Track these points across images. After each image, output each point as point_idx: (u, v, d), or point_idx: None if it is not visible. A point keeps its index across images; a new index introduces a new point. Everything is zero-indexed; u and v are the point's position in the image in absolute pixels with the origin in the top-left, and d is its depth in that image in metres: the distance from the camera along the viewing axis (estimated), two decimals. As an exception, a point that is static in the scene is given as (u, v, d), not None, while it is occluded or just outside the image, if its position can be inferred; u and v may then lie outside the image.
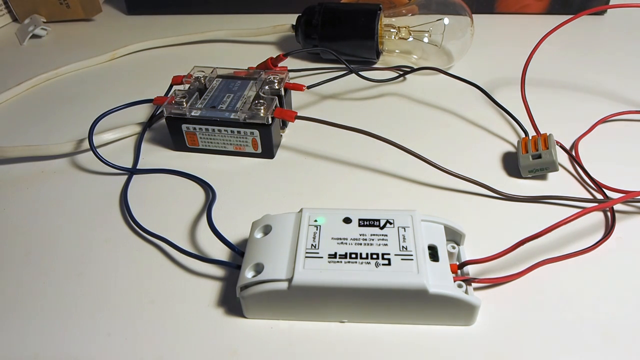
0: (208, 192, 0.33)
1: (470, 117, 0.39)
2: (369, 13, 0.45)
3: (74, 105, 0.43)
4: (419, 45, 0.45)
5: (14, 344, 0.24)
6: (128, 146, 0.38)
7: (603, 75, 0.45)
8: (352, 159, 0.35)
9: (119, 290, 0.27)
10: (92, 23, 0.60)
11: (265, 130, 0.34)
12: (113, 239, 0.30)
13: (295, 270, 0.23)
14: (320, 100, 0.42)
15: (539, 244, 0.28)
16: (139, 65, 0.50)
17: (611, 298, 0.25)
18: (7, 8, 0.59)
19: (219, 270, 0.27)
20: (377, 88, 0.44)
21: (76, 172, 0.35)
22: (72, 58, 0.49)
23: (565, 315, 0.24)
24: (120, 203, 0.32)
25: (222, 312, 0.25)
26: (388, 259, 0.23)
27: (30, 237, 0.30)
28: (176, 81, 0.38)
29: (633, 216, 0.30)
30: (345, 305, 0.24)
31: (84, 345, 0.24)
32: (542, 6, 0.56)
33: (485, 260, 0.24)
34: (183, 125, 0.35)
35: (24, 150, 0.35)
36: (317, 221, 0.25)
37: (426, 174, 0.33)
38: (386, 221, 0.25)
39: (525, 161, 0.32)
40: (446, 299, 0.23)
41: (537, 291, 0.26)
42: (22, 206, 0.32)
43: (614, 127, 0.38)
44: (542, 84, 0.44)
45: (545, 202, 0.31)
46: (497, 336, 0.24)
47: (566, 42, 0.51)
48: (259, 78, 0.37)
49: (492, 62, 0.47)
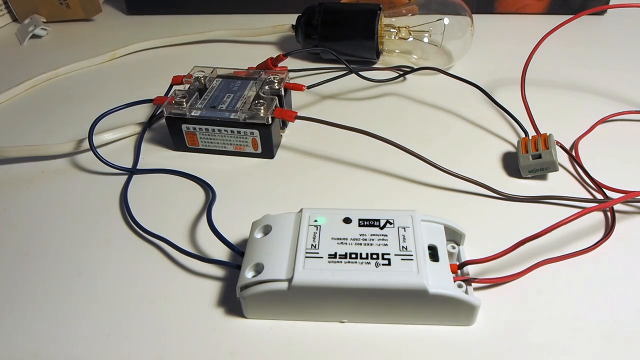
0: (208, 192, 0.33)
1: (470, 117, 0.39)
2: (369, 13, 0.45)
3: (74, 105, 0.43)
4: (419, 45, 0.45)
5: (14, 344, 0.24)
6: (128, 146, 0.38)
7: (603, 75, 0.45)
8: (352, 159, 0.35)
9: (119, 290, 0.27)
10: (92, 23, 0.60)
11: (265, 130, 0.34)
12: (113, 239, 0.30)
13: (295, 270, 0.23)
14: (320, 100, 0.43)
15: (539, 244, 0.28)
16: (139, 65, 0.50)
17: (611, 298, 0.25)
18: (7, 8, 0.59)
19: (219, 270, 0.27)
20: (377, 88, 0.44)
21: (76, 172, 0.35)
22: (72, 58, 0.49)
23: (565, 315, 0.24)
24: (120, 203, 0.32)
25: (222, 312, 0.25)
26: (388, 259, 0.23)
27: (30, 237, 0.30)
28: (176, 81, 0.38)
29: (633, 216, 0.30)
30: (345, 305, 0.24)
31: (84, 345, 0.24)
32: (542, 6, 0.56)
33: (485, 260, 0.25)
34: (183, 125, 0.35)
35: (24, 150, 0.35)
36: (317, 221, 0.25)
37: (426, 174, 0.33)
38: (386, 221, 0.25)
39: (525, 161, 0.32)
40: (446, 299, 0.23)
41: (537, 291, 0.26)
42: (22, 206, 0.32)
43: (614, 127, 0.38)
44: (542, 84, 0.44)
45: (545, 202, 0.31)
46: (497, 336, 0.24)
47: (566, 42, 0.51)
48: (259, 78, 0.37)
49: (492, 62, 0.47)
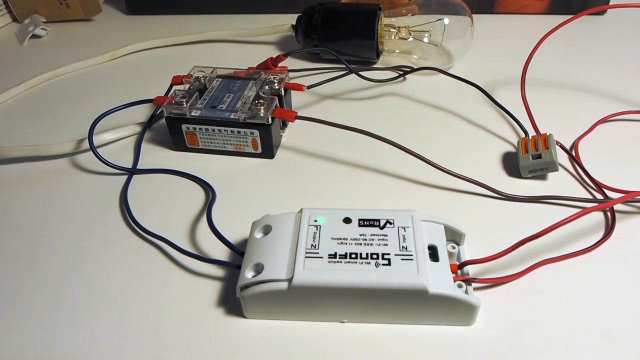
0: (208, 192, 0.33)
1: (470, 117, 0.39)
2: (369, 13, 0.45)
3: (74, 105, 0.43)
4: (419, 45, 0.45)
5: (14, 344, 0.24)
6: (128, 146, 0.38)
7: (603, 75, 0.45)
8: (352, 159, 0.35)
9: (119, 290, 0.27)
10: (92, 23, 0.60)
11: (265, 130, 0.34)
12: (113, 239, 0.30)
13: (295, 270, 0.23)
14: (320, 100, 0.42)
15: (539, 244, 0.28)
16: (139, 65, 0.50)
17: (611, 298, 0.25)
18: (7, 8, 0.59)
19: (219, 270, 0.27)
20: (377, 88, 0.44)
21: (76, 172, 0.35)
22: (72, 58, 0.49)
23: (565, 315, 0.24)
24: (120, 203, 0.32)
25: (222, 312, 0.25)
26: (388, 259, 0.23)
27: (30, 237, 0.30)
28: (176, 81, 0.38)
29: (633, 216, 0.30)
30: (345, 305, 0.24)
31: (84, 345, 0.24)
32: (542, 6, 0.56)
33: (485, 260, 0.25)
34: (183, 125, 0.35)
35: (24, 150, 0.35)
36: (317, 221, 0.25)
37: (426, 174, 0.33)
38: (386, 221, 0.25)
39: (525, 161, 0.32)
40: (446, 299, 0.23)
41: (537, 291, 0.26)
42: (22, 206, 0.32)
43: (614, 127, 0.38)
44: (542, 83, 0.44)
45: (545, 202, 0.31)
46: (497, 336, 0.24)
47: (566, 42, 0.51)
48: (259, 78, 0.37)
49: (492, 62, 0.47)
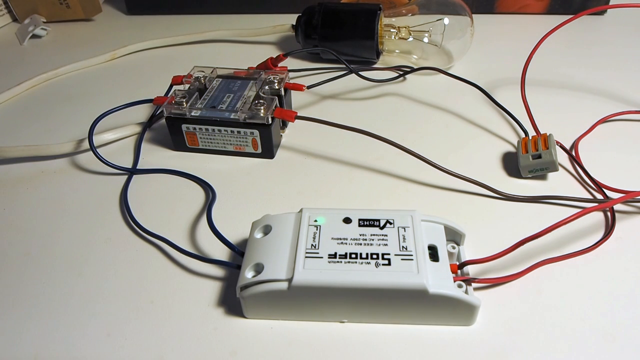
0: (208, 192, 0.33)
1: (470, 117, 0.39)
2: (369, 13, 0.45)
3: (74, 105, 0.43)
4: (419, 45, 0.45)
5: (14, 344, 0.24)
6: (128, 146, 0.38)
7: (603, 75, 0.45)
8: (352, 159, 0.35)
9: (119, 290, 0.27)
10: (92, 23, 0.60)
11: (265, 130, 0.34)
12: (113, 239, 0.30)
13: (295, 270, 0.23)
14: (320, 100, 0.42)
15: (539, 244, 0.28)
16: (139, 65, 0.50)
17: (611, 298, 0.25)
18: (7, 8, 0.60)
19: (219, 270, 0.27)
20: (377, 88, 0.44)
21: (76, 172, 0.35)
22: (72, 58, 0.49)
23: (565, 315, 0.24)
24: (120, 203, 0.32)
25: (222, 312, 0.25)
26: (388, 259, 0.23)
27: (30, 237, 0.30)
28: (176, 81, 0.38)
29: (633, 216, 0.30)
30: (345, 305, 0.24)
31: (84, 345, 0.24)
32: (542, 6, 0.56)
33: (485, 260, 0.24)
34: (183, 125, 0.35)
35: (24, 150, 0.35)
36: (317, 221, 0.25)
37: (426, 174, 0.33)
38: (386, 221, 0.25)
39: (525, 161, 0.32)
40: (446, 299, 0.23)
41: (537, 291, 0.26)
42: (22, 206, 0.32)
43: (614, 127, 0.38)
44: (542, 84, 0.44)
45: (545, 202, 0.31)
46: (497, 336, 0.24)
47: (566, 42, 0.51)
48: (259, 78, 0.37)
49: (492, 62, 0.47)
